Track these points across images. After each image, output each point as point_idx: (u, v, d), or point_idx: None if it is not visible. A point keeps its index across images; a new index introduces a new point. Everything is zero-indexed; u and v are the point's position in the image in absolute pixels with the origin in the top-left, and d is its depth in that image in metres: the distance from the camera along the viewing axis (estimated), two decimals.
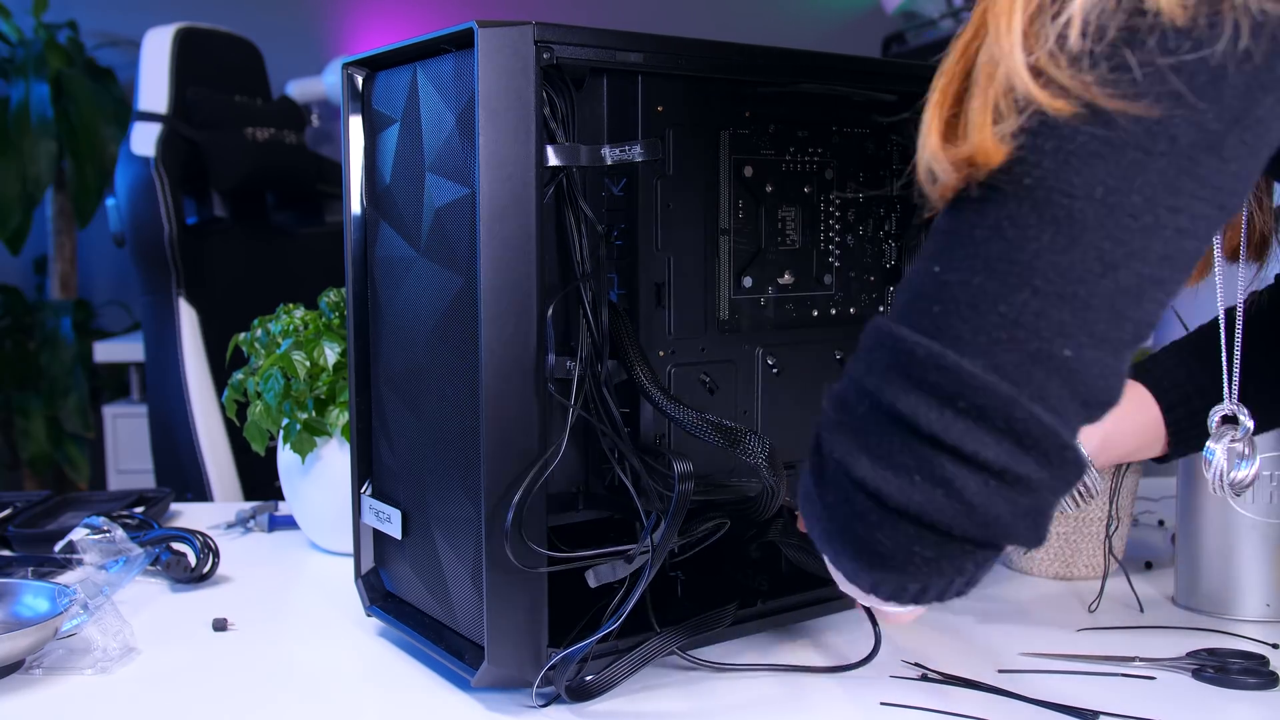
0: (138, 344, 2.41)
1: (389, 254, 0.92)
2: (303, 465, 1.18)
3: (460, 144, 0.81)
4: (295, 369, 1.15)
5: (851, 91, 0.97)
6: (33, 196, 2.97)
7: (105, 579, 1.02)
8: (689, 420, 0.81)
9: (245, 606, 1.06)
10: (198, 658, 0.94)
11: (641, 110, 0.87)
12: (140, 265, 2.14)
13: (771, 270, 0.96)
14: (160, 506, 1.36)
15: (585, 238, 0.83)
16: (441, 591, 0.88)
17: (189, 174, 2.16)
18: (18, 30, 3.07)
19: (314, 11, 3.31)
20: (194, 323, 2.11)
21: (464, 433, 0.83)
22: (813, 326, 0.99)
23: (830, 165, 0.99)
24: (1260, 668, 0.86)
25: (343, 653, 0.96)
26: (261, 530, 1.33)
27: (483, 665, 0.81)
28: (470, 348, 0.81)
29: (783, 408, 0.97)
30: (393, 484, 0.94)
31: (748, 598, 0.95)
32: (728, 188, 0.93)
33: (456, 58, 0.81)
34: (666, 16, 3.29)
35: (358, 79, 0.94)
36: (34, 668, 0.91)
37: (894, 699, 0.83)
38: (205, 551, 1.12)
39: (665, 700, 0.85)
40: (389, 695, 0.87)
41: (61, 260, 3.17)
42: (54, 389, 3.06)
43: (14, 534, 1.23)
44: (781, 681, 0.88)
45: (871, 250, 1.03)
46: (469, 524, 0.83)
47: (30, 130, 2.92)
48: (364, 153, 0.95)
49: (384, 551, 0.98)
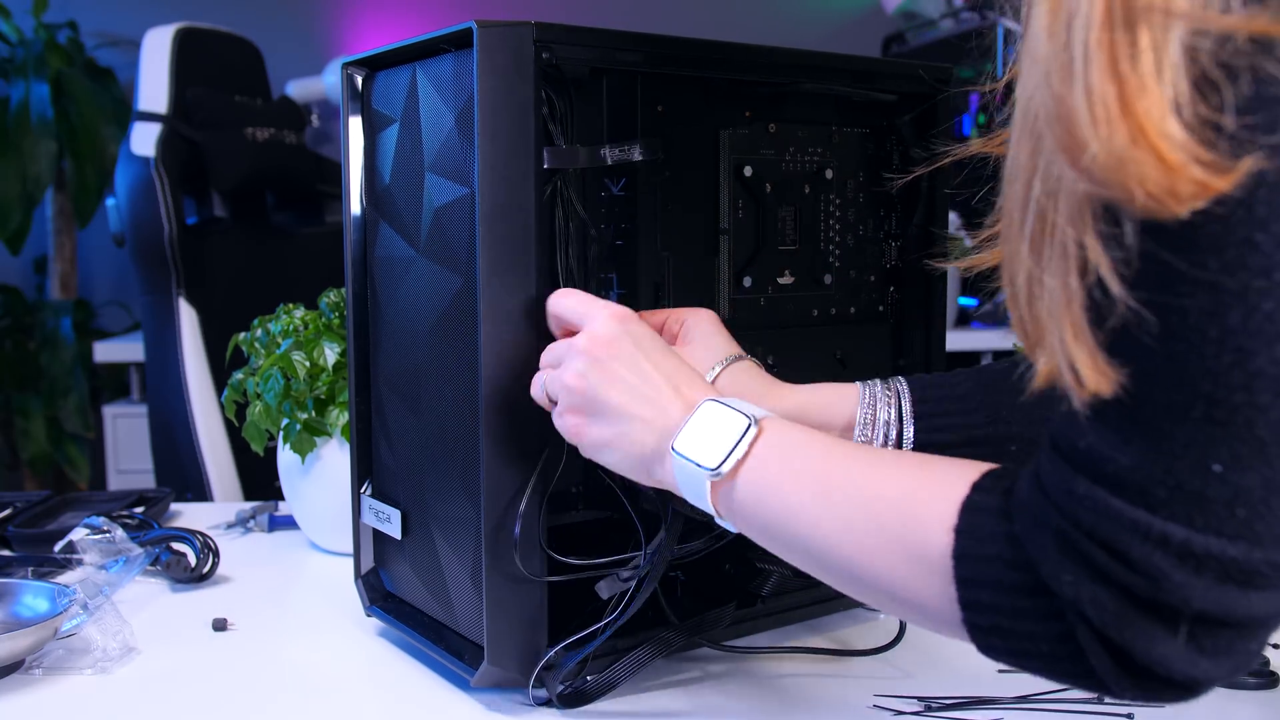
0: (138, 344, 2.41)
1: (388, 254, 0.92)
2: (303, 465, 1.18)
3: (459, 144, 0.81)
4: (295, 369, 1.15)
5: (851, 91, 0.97)
6: (33, 196, 2.97)
7: (105, 579, 1.02)
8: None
9: (245, 606, 1.06)
10: (198, 658, 0.94)
11: (641, 110, 0.87)
12: (140, 265, 2.14)
13: (771, 270, 0.96)
14: (160, 506, 1.36)
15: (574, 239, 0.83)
16: (441, 592, 0.88)
17: (189, 174, 2.16)
18: (18, 30, 3.07)
19: (314, 11, 3.31)
20: (194, 323, 2.11)
21: (464, 433, 0.83)
22: (813, 326, 0.99)
23: (830, 165, 0.99)
24: (1260, 668, 0.86)
25: (343, 653, 0.96)
26: (261, 530, 1.33)
27: (482, 665, 0.81)
28: (470, 348, 0.81)
29: None
30: (393, 484, 0.94)
31: (747, 598, 0.95)
32: (728, 188, 0.93)
33: (456, 58, 0.81)
34: (666, 16, 3.29)
35: (357, 79, 0.94)
36: (34, 668, 0.90)
37: (891, 696, 0.83)
38: (205, 551, 1.12)
39: (665, 699, 0.85)
40: (389, 695, 0.87)
41: (61, 260, 3.17)
42: (54, 389, 3.06)
43: (14, 534, 1.23)
44: (782, 681, 0.88)
45: (871, 250, 1.03)
46: (469, 524, 0.83)
47: (30, 130, 2.92)
48: (364, 153, 0.95)
49: (384, 551, 0.98)
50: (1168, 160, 0.44)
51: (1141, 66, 0.45)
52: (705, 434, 0.67)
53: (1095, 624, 0.50)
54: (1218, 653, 0.49)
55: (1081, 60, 0.46)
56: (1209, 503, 0.47)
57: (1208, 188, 0.45)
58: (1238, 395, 0.46)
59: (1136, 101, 0.45)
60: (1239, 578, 0.47)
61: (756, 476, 0.65)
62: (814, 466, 0.63)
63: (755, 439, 0.66)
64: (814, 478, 0.63)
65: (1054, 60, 0.47)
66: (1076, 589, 0.50)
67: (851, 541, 0.60)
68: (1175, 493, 0.47)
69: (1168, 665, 0.49)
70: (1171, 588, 0.47)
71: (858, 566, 0.60)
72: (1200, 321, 0.46)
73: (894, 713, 0.82)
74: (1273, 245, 0.45)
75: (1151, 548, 0.48)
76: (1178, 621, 0.48)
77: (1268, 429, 0.46)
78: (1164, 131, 0.45)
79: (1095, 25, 0.45)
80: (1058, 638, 0.52)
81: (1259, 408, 0.46)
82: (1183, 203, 0.45)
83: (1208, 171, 0.44)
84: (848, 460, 0.63)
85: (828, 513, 0.61)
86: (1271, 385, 0.46)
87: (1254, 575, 0.47)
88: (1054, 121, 0.47)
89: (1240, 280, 0.45)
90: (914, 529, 0.57)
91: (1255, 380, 0.46)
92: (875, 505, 0.59)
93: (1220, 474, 0.47)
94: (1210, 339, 0.46)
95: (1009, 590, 0.53)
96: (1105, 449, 0.49)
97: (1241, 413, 0.46)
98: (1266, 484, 0.46)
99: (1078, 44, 0.46)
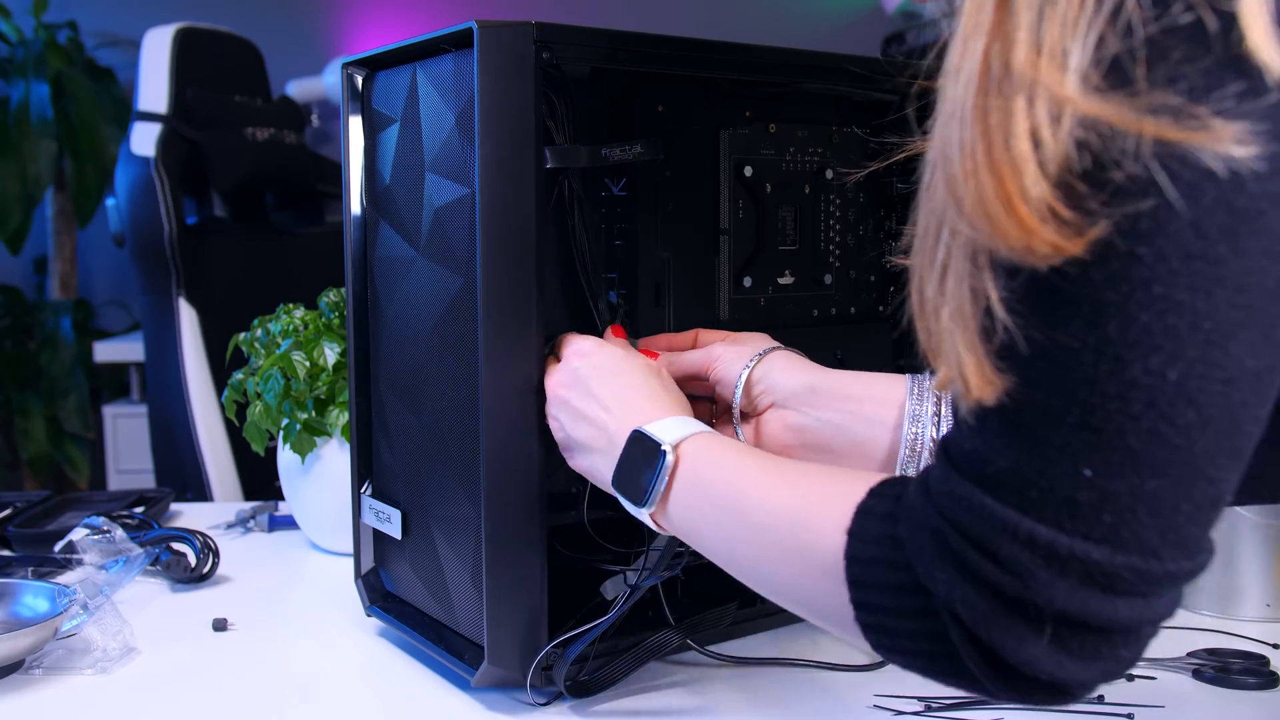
0: (138, 344, 2.41)
1: (389, 254, 0.92)
2: (303, 465, 1.18)
3: (460, 144, 0.81)
4: (295, 369, 1.15)
5: (851, 91, 0.97)
6: (33, 196, 2.97)
7: (105, 579, 1.02)
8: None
9: (245, 606, 1.06)
10: (198, 658, 0.94)
11: (642, 110, 0.87)
12: (140, 265, 2.14)
13: (771, 270, 0.96)
14: (160, 506, 1.36)
15: (587, 237, 0.83)
16: (441, 591, 0.88)
17: (189, 174, 2.16)
18: (18, 30, 3.07)
19: (314, 11, 3.31)
20: (194, 323, 2.11)
21: (464, 433, 0.83)
22: (813, 326, 0.99)
23: (830, 165, 0.99)
24: (1260, 668, 0.86)
25: (343, 653, 0.96)
26: (261, 530, 1.33)
27: (482, 665, 0.81)
28: (470, 347, 0.81)
29: None
30: (393, 484, 0.94)
31: (748, 597, 0.95)
32: (728, 188, 0.93)
33: (456, 58, 0.81)
34: (666, 16, 3.28)
35: (358, 79, 0.94)
36: (34, 668, 0.90)
37: (890, 694, 0.83)
38: (205, 551, 1.12)
39: (665, 699, 0.85)
40: (389, 695, 0.87)
41: (61, 260, 3.17)
42: (54, 389, 3.06)
43: (14, 534, 1.23)
44: (782, 680, 0.88)
45: (871, 250, 1.03)
46: (469, 524, 0.83)
47: (30, 130, 2.92)
48: (364, 153, 0.95)
49: (384, 551, 0.98)
50: (1024, 220, 0.46)
51: (1012, 125, 0.46)
52: (632, 468, 0.72)
53: (967, 623, 0.50)
54: (1084, 656, 0.49)
55: (959, 111, 0.48)
56: (1078, 506, 0.48)
57: (1062, 249, 0.46)
58: (1112, 404, 0.46)
59: (1000, 158, 0.46)
60: (1101, 581, 0.48)
61: (681, 500, 0.69)
62: (726, 484, 0.67)
63: (674, 468, 0.69)
64: (727, 496, 0.66)
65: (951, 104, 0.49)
66: (949, 588, 0.51)
67: (759, 552, 0.63)
68: (1047, 495, 0.48)
69: (1034, 666, 0.49)
70: (1036, 586, 0.48)
71: (767, 575, 0.63)
72: (1081, 330, 0.47)
73: (894, 713, 0.82)
74: (1154, 258, 0.45)
75: (1019, 547, 0.48)
76: (1042, 621, 0.49)
77: (1138, 438, 0.46)
78: (1023, 189, 0.46)
79: (974, 80, 0.47)
80: (935, 636, 0.53)
81: (1131, 416, 0.46)
82: (1041, 259, 0.46)
83: (1064, 232, 0.46)
84: (758, 474, 0.66)
85: (740, 527, 0.65)
86: (1144, 395, 0.46)
87: (1115, 579, 0.48)
88: (942, 162, 0.49)
89: (1121, 292, 0.46)
90: (812, 534, 0.59)
91: (1129, 390, 0.46)
92: (779, 515, 0.62)
93: (1090, 479, 0.47)
94: (1089, 347, 0.46)
95: (892, 590, 0.54)
96: (987, 451, 0.50)
97: (1114, 420, 0.47)
98: (1134, 492, 0.47)
99: (960, 96, 0.48)
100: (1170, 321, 0.46)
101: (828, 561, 0.57)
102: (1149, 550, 0.48)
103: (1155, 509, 0.47)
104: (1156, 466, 0.47)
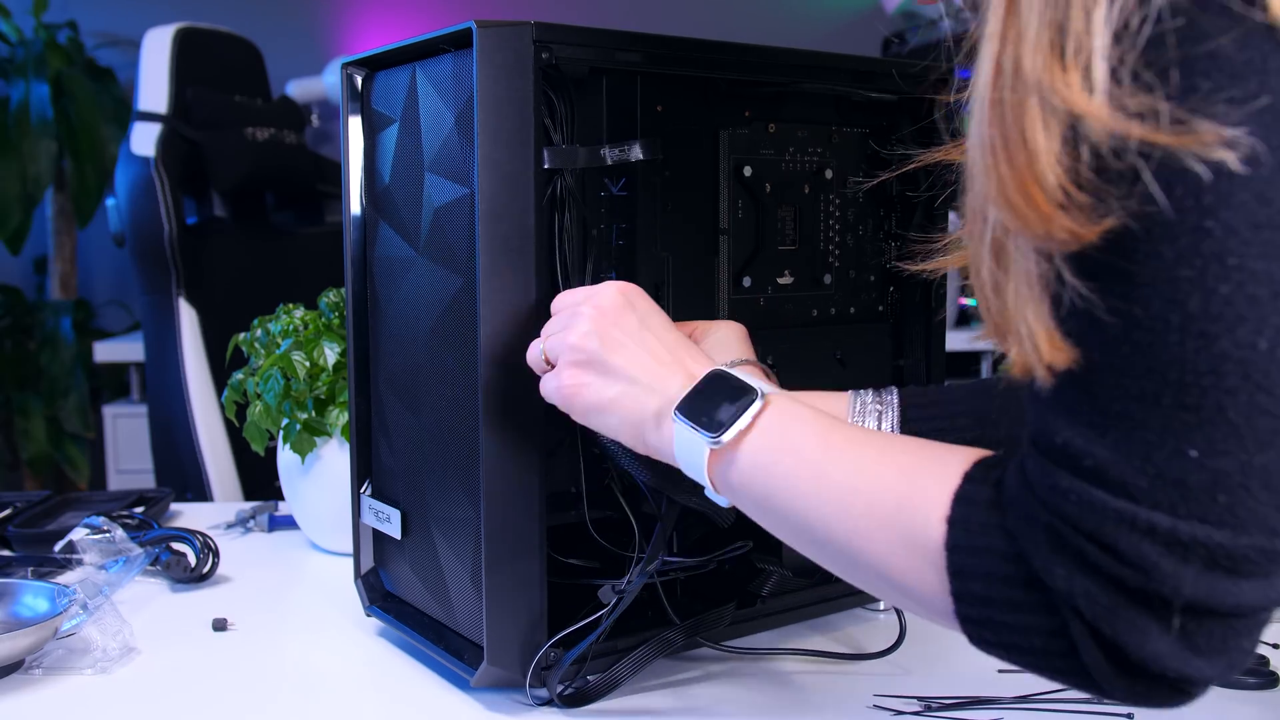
0: (138, 344, 2.41)
1: (388, 254, 0.92)
2: (303, 465, 1.18)
3: (459, 144, 0.81)
4: (295, 369, 1.15)
5: (851, 91, 0.97)
6: (33, 196, 2.97)
7: (105, 579, 1.02)
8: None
9: (245, 606, 1.06)
10: (198, 658, 0.94)
11: (641, 110, 0.87)
12: (140, 265, 2.14)
13: (771, 270, 0.96)
14: (160, 506, 1.36)
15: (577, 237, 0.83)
16: (441, 591, 0.88)
17: (189, 174, 2.16)
18: (18, 30, 3.07)
19: (314, 11, 3.31)
20: (194, 323, 2.11)
21: (463, 432, 0.83)
22: (812, 326, 0.99)
23: (830, 165, 0.99)
24: (1260, 668, 0.86)
25: (343, 653, 0.96)
26: (261, 530, 1.33)
27: (482, 665, 0.81)
28: (469, 348, 0.81)
29: None
30: (392, 484, 0.94)
31: (747, 597, 0.95)
32: (727, 188, 0.93)
33: (455, 58, 0.81)
34: (666, 16, 3.29)
35: (357, 79, 0.94)
36: (34, 668, 0.91)
37: (890, 694, 0.84)
38: (205, 551, 1.12)
39: (664, 699, 0.85)
40: (389, 695, 0.87)
41: (61, 260, 3.17)
42: (54, 389, 3.06)
43: (14, 534, 1.23)
44: (781, 680, 0.88)
45: (871, 250, 1.03)
46: (469, 524, 0.83)
47: (30, 130, 2.92)
48: (363, 153, 0.95)
49: (384, 551, 0.98)
50: (1040, 208, 0.47)
51: (1025, 121, 0.47)
52: (709, 403, 0.67)
53: (1088, 617, 0.50)
54: (1211, 650, 0.49)
55: (980, 109, 0.50)
56: (1190, 489, 0.47)
57: (1079, 235, 0.47)
58: (1205, 380, 0.46)
59: (1017, 150, 0.48)
60: (1226, 564, 0.47)
61: (757, 449, 0.64)
62: (815, 444, 0.63)
63: (760, 411, 0.65)
64: (814, 456, 0.62)
65: (976, 101, 0.50)
66: (1069, 582, 0.50)
67: (847, 523, 0.60)
68: (1156, 481, 0.47)
69: (1160, 662, 0.49)
70: (1161, 577, 0.47)
71: (852, 548, 0.60)
72: (1162, 309, 0.47)
73: (894, 712, 0.82)
74: (1224, 230, 0.45)
75: (1139, 537, 0.48)
76: (1169, 613, 0.48)
77: (1238, 413, 0.46)
78: (1039, 178, 0.47)
79: (989, 80, 0.49)
80: (1051, 632, 0.52)
81: (1228, 390, 0.46)
82: (1060, 245, 0.47)
83: (1080, 218, 0.47)
84: (849, 441, 0.62)
85: (826, 492, 0.61)
86: (1238, 368, 0.46)
87: (1241, 561, 0.47)
88: (976, 153, 0.51)
89: (1195, 267, 0.46)
90: (909, 516, 0.57)
91: (1221, 364, 0.46)
92: (872, 488, 0.59)
93: (1197, 460, 0.47)
94: (1173, 326, 0.46)
95: (1002, 582, 0.53)
96: (1081, 443, 0.49)
97: (1211, 397, 0.46)
98: (1244, 469, 0.47)
99: (980, 94, 0.50)
100: (1251, 291, 0.46)
101: (927, 547, 0.55)
102: (1269, 529, 0.47)
103: (1268, 482, 0.47)
104: (1261, 439, 0.46)
